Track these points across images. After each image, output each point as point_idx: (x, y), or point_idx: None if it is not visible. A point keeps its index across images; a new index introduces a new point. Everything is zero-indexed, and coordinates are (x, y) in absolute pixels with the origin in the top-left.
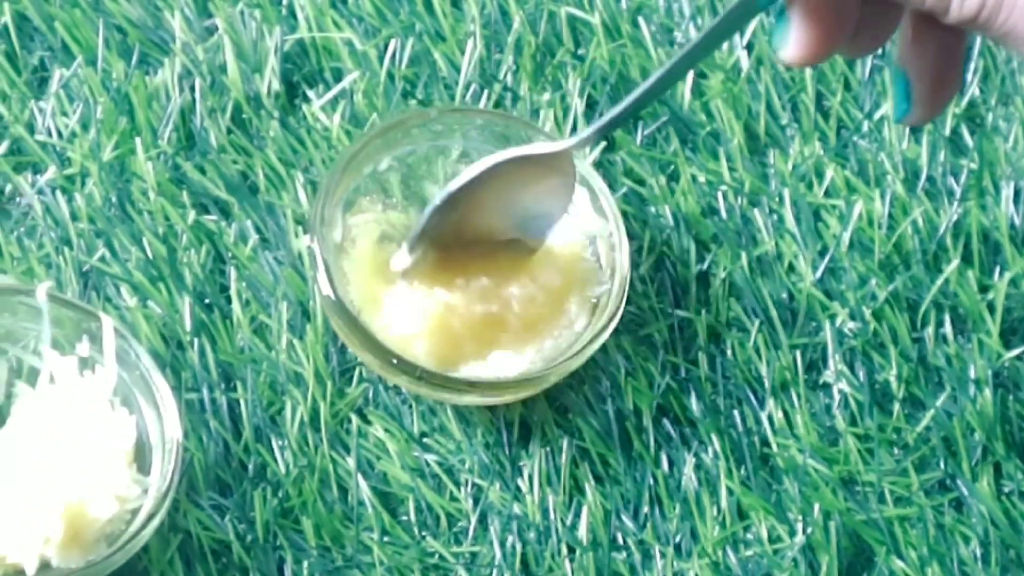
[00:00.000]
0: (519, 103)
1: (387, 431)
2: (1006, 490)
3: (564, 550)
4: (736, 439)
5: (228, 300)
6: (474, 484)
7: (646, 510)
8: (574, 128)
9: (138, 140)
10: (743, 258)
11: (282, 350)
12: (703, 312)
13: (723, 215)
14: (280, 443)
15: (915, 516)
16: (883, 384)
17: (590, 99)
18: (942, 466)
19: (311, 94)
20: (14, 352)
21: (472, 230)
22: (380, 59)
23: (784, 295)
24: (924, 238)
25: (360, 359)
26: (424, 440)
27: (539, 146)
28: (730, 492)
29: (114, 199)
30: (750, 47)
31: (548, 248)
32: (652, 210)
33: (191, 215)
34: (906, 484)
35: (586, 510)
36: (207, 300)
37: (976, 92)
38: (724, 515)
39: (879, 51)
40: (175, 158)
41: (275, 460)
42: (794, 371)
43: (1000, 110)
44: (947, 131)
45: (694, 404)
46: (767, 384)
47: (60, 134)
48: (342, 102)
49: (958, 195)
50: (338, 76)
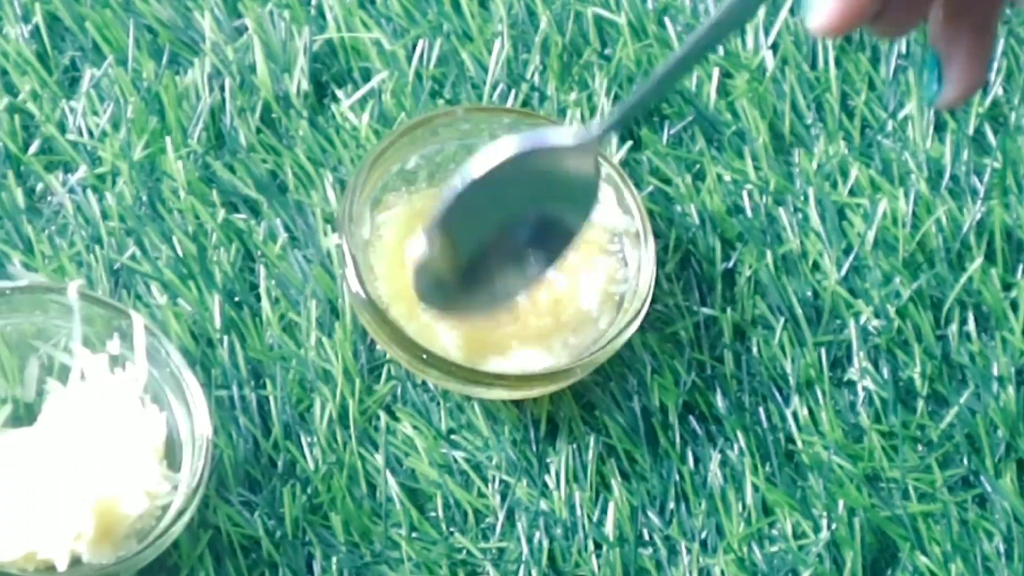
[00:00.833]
0: (546, 102)
1: (415, 428)
2: None
3: (591, 546)
4: (761, 436)
5: (257, 298)
6: (501, 480)
7: (672, 506)
8: None
9: (168, 139)
10: (768, 256)
11: (311, 347)
12: (728, 310)
13: (748, 214)
14: (309, 440)
15: (939, 512)
16: (907, 381)
17: (616, 98)
18: (965, 463)
19: (340, 94)
20: (45, 349)
21: (487, 226)
22: (408, 59)
23: (809, 293)
24: (948, 237)
25: (389, 355)
26: (452, 437)
27: (563, 133)
28: (755, 488)
29: (144, 198)
30: (775, 47)
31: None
32: (678, 209)
33: (221, 214)
34: (930, 480)
35: (612, 506)
36: (237, 298)
37: (999, 92)
38: (749, 511)
39: (904, 51)
40: (205, 157)
41: (304, 457)
42: (819, 368)
43: (1023, 109)
44: (970, 130)
45: (720, 401)
46: (792, 381)
47: (91, 133)
48: (371, 101)
49: (981, 194)
50: (367, 76)
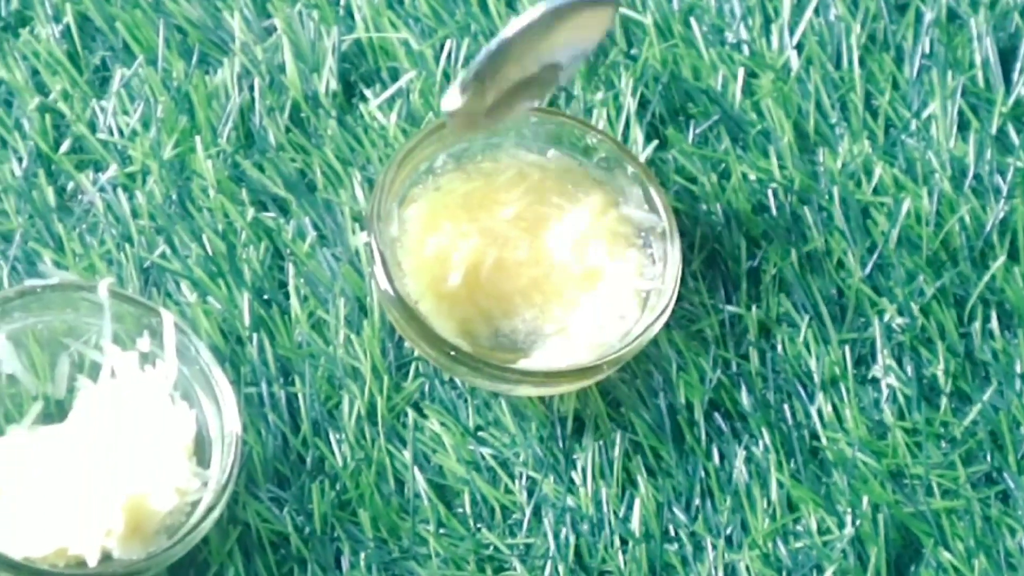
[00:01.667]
0: (572, 102)
1: (443, 425)
2: None
3: (617, 542)
4: (786, 433)
5: (286, 296)
6: (528, 477)
7: (698, 502)
8: (627, 126)
9: (198, 139)
10: (793, 254)
11: (340, 345)
12: (754, 308)
13: (773, 212)
14: (338, 436)
15: (962, 508)
16: (931, 379)
17: (642, 98)
18: (989, 459)
19: (368, 93)
20: (76, 347)
21: (511, 76)
22: (436, 59)
23: (833, 291)
24: (971, 235)
25: (417, 352)
26: (479, 434)
27: None
28: (780, 485)
29: (174, 196)
30: (800, 47)
31: (595, 228)
32: (703, 207)
33: (250, 212)
34: (953, 477)
35: (639, 502)
36: (266, 296)
37: (1023, 91)
38: (774, 507)
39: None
40: (234, 156)
41: (333, 453)
42: (843, 366)
43: None
44: (993, 130)
45: (745, 398)
46: (817, 379)
47: (121, 133)
48: (399, 101)
49: (1004, 192)
50: (395, 76)
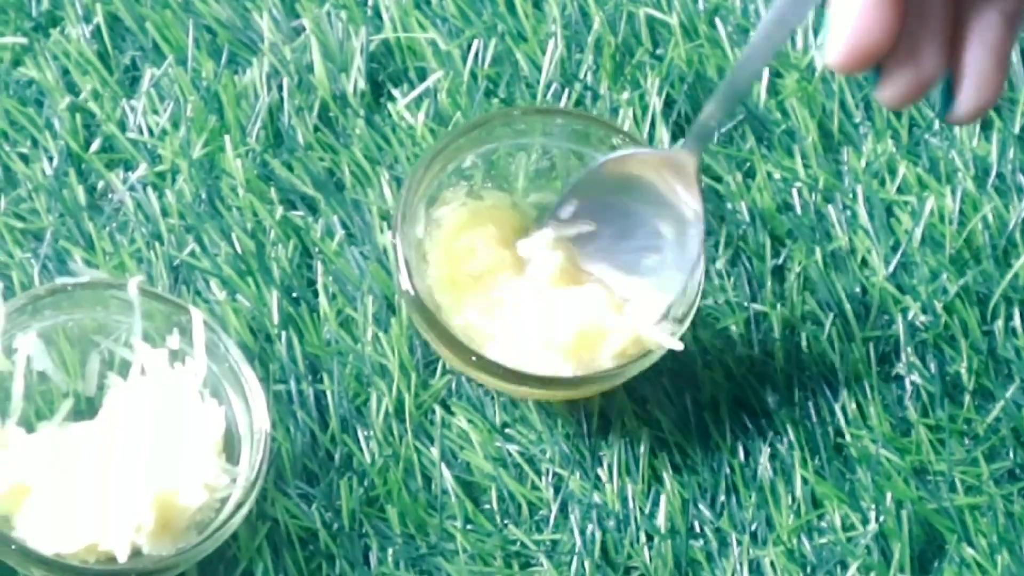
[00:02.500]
0: (599, 102)
1: (470, 422)
2: None
3: (643, 538)
4: (811, 430)
5: (315, 294)
6: (555, 473)
7: (723, 499)
8: (653, 126)
9: (227, 138)
10: (817, 253)
11: (368, 343)
12: (778, 306)
13: (798, 211)
14: (366, 433)
15: (985, 505)
16: (954, 376)
17: (668, 98)
18: (1011, 456)
19: (396, 93)
20: (106, 345)
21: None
22: (463, 59)
23: (857, 289)
24: (994, 233)
25: (440, 356)
26: (506, 431)
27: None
28: (804, 481)
29: (204, 195)
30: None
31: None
32: (729, 206)
33: (279, 211)
34: (976, 474)
35: (664, 499)
36: (294, 294)
37: None
38: (799, 503)
39: None
40: (263, 155)
41: (361, 450)
42: (867, 363)
43: None
44: (1016, 129)
45: (770, 396)
46: (841, 376)
47: (151, 132)
48: (426, 101)
49: None
50: (422, 75)
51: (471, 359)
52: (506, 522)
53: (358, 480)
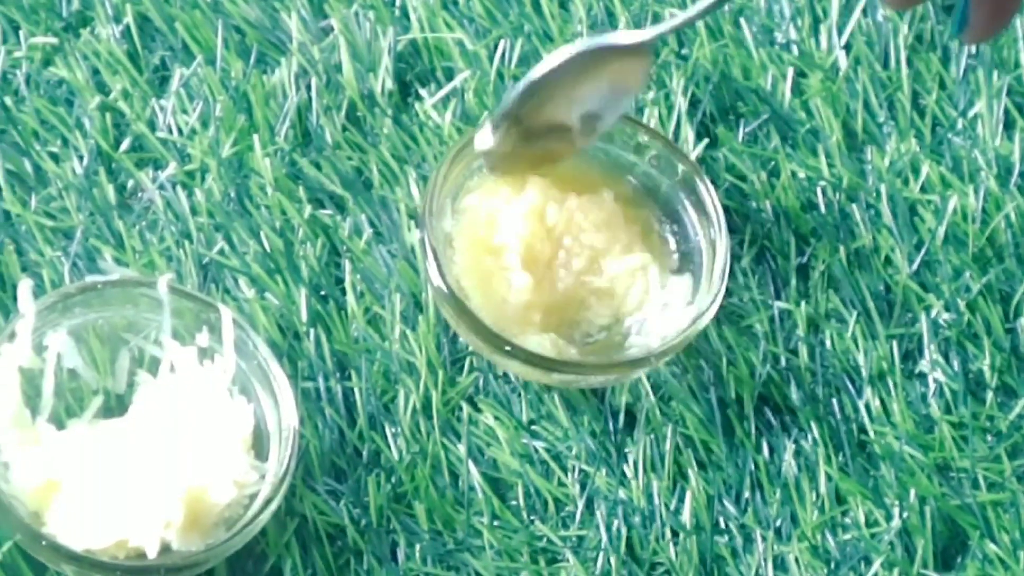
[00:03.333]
0: None
1: (497, 419)
2: None
3: (668, 534)
4: (835, 426)
5: (343, 292)
6: (581, 470)
7: (747, 495)
8: (678, 125)
9: (256, 137)
10: (841, 251)
11: (395, 340)
12: (803, 303)
13: (822, 210)
14: (393, 430)
15: (1008, 501)
16: (977, 373)
17: (693, 97)
18: None
19: (423, 92)
20: (136, 342)
21: (544, 118)
22: (490, 59)
23: (881, 287)
24: (1017, 232)
25: (471, 347)
26: (532, 427)
27: (620, 35)
28: (829, 478)
29: (233, 194)
30: (848, 47)
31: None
32: (753, 205)
33: (307, 210)
34: (999, 470)
35: (689, 495)
36: (323, 292)
37: None
38: (823, 500)
39: (974, 51)
40: (292, 154)
41: (388, 447)
42: (891, 361)
43: None
44: None
45: (794, 393)
46: (864, 373)
47: (180, 131)
48: (453, 100)
49: None
50: (449, 75)
51: (504, 348)
52: (532, 518)
53: (386, 476)
